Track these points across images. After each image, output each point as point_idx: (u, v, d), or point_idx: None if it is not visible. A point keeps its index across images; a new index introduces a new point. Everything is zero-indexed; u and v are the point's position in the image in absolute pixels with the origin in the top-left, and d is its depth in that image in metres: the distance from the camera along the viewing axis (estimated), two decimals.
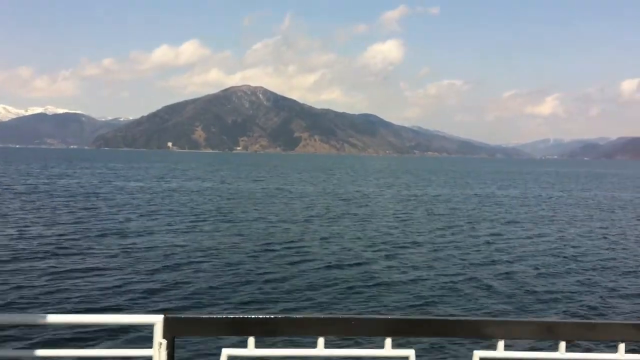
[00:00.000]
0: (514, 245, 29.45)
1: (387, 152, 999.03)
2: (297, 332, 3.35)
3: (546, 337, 3.50)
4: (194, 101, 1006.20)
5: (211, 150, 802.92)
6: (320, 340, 3.23)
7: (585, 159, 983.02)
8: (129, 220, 35.35)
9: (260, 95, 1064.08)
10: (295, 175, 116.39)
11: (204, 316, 3.35)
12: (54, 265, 21.42)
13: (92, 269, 20.94)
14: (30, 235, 28.08)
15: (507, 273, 22.09)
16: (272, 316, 3.30)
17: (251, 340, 3.20)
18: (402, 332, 3.37)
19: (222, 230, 32.15)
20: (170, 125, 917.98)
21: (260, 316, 3.29)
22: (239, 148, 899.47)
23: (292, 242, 28.59)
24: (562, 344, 3.38)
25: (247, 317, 3.28)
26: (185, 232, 31.13)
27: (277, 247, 27.03)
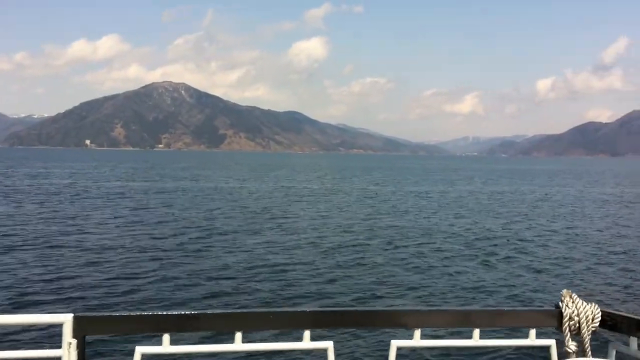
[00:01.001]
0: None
1: (313, 149, 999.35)
2: (214, 327, 3.32)
3: (461, 325, 3.56)
4: (112, 97, 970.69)
5: (132, 148, 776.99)
6: (238, 335, 3.19)
7: (503, 155, 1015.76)
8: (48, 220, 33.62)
9: (183, 91, 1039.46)
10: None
11: (115, 314, 3.24)
12: None
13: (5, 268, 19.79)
14: None
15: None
16: (188, 312, 3.23)
17: (166, 337, 3.13)
18: (321, 324, 3.36)
19: (142, 229, 30.80)
20: (88, 123, 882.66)
21: (175, 312, 3.21)
22: (161, 146, 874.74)
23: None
24: (476, 332, 3.45)
25: (161, 314, 3.21)
26: (105, 232, 29.79)
27: (211, 245, 26.29)
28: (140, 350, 3.11)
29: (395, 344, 3.36)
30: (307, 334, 3.26)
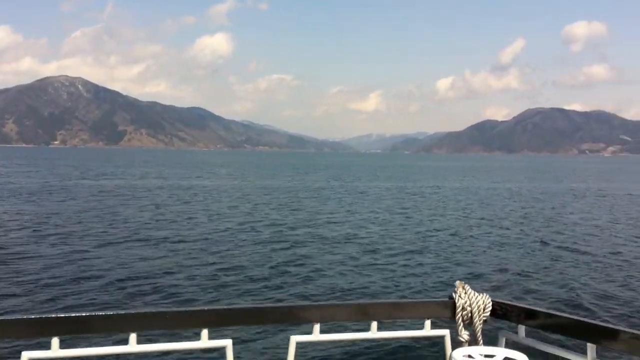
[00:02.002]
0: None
1: (218, 146, 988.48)
2: (107, 329, 3.20)
3: (359, 318, 3.60)
4: (4, 91, 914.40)
5: (25, 145, 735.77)
6: (132, 336, 3.09)
7: (406, 152, 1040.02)
8: None
9: (80, 86, 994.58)
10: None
11: None
12: None
13: None
14: None
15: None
16: (78, 314, 3.08)
17: (55, 341, 2.97)
18: (219, 322, 3.35)
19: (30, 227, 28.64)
20: None
21: (64, 315, 3.05)
22: (56, 142, 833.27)
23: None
24: (374, 324, 3.50)
25: (50, 317, 3.03)
26: None
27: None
28: (27, 355, 2.93)
29: (294, 339, 3.37)
30: (204, 332, 3.22)
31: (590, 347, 3.08)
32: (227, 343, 3.27)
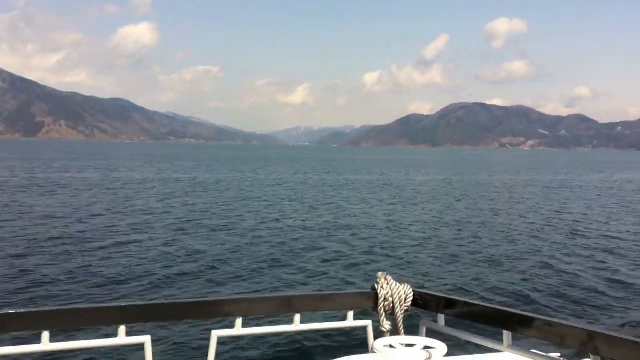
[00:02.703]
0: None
1: (142, 138, 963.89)
2: (16, 327, 3.00)
3: (283, 311, 3.60)
4: None
5: None
6: (45, 335, 2.95)
7: (334, 145, 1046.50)
8: None
9: None
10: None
11: None
12: None
13: None
14: None
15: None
16: None
17: None
18: (137, 318, 3.26)
19: None
20: None
21: None
22: None
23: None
24: (297, 316, 3.50)
25: None
26: None
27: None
28: None
29: (215, 333, 3.34)
30: (122, 329, 3.12)
31: (507, 334, 3.17)
32: (146, 339, 3.18)
